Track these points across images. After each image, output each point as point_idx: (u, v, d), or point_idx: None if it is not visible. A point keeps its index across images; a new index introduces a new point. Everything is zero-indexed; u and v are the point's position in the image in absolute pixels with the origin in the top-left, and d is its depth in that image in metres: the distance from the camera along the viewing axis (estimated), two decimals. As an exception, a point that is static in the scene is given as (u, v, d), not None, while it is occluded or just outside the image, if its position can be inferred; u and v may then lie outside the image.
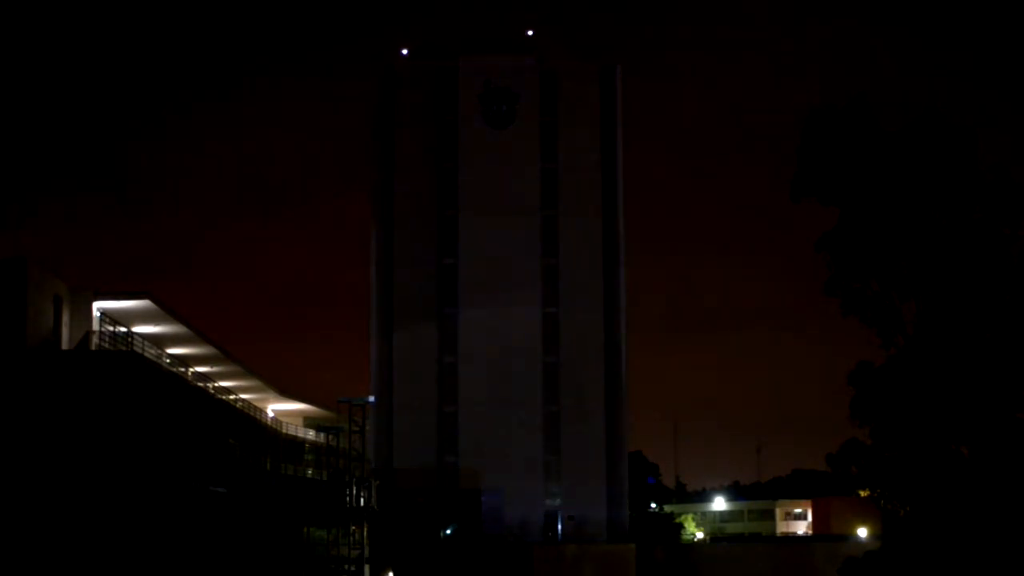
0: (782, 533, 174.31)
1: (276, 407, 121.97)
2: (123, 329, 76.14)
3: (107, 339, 73.30)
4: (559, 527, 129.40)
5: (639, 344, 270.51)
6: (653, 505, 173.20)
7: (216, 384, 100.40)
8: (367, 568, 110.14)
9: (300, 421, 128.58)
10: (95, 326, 72.39)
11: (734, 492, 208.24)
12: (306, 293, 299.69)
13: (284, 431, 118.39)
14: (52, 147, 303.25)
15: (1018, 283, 60.89)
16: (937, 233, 61.59)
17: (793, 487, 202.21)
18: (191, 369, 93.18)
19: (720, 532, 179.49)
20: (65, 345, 69.72)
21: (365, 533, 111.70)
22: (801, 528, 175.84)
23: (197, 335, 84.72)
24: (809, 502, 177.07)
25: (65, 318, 69.70)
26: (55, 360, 66.07)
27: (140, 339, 78.56)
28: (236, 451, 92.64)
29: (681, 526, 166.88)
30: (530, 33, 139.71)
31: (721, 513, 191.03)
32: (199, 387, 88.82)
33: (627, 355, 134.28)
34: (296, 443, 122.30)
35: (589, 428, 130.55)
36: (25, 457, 61.87)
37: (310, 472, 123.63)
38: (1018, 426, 60.12)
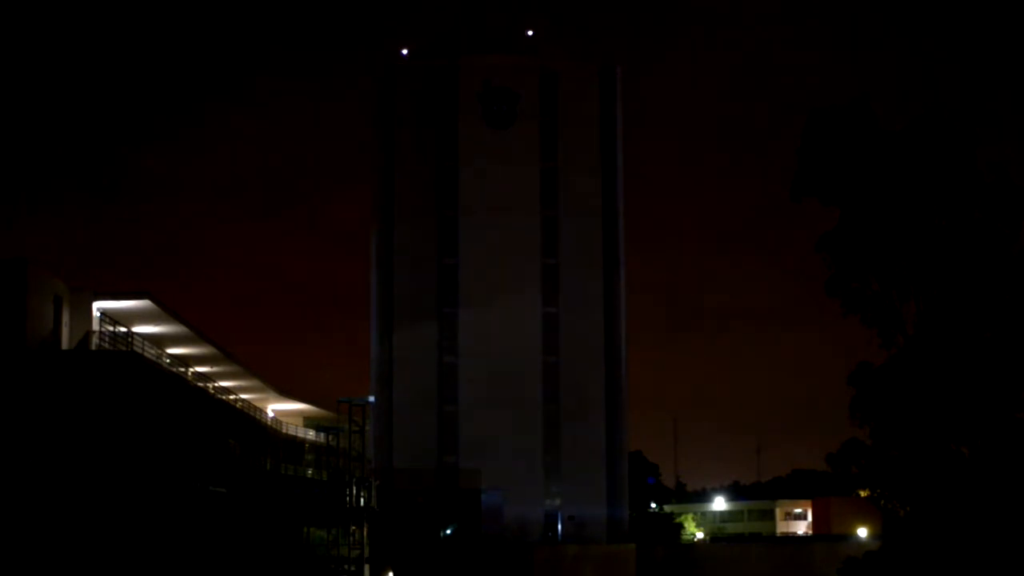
0: (782, 533, 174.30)
1: (276, 407, 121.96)
2: (123, 329, 76.14)
3: (107, 339, 73.30)
4: (559, 527, 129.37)
5: (639, 344, 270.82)
6: (653, 505, 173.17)
7: (216, 384, 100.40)
8: (367, 568, 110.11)
9: (300, 421, 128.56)
10: (95, 326, 72.38)
11: (734, 492, 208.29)
12: (306, 293, 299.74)
13: (284, 431, 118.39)
14: (52, 148, 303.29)
15: (1018, 283, 60.90)
16: (937, 233, 61.61)
17: (793, 487, 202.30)
18: (191, 369, 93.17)
19: (720, 532, 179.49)
20: (65, 345, 69.70)
21: (365, 533, 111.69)
22: (801, 528, 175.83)
23: (197, 335, 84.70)
24: (809, 502, 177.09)
25: (65, 318, 69.69)
26: (55, 360, 66.05)
27: (140, 339, 78.56)
28: (236, 451, 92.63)
29: (681, 526, 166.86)
30: (530, 33, 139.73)
31: (721, 513, 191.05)
32: (199, 387, 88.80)
33: (627, 355, 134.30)
34: (296, 443, 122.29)
35: (589, 428, 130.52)
36: (25, 457, 61.86)
37: (310, 472, 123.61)
38: (1018, 426, 60.13)
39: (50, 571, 60.77)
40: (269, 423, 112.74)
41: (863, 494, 79.22)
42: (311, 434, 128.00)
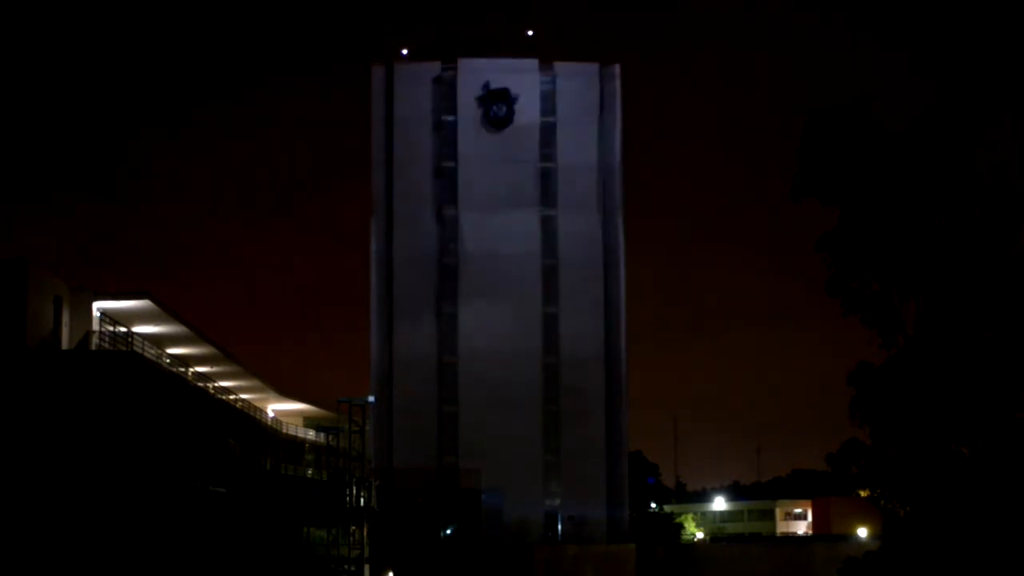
0: (782, 533, 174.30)
1: (276, 407, 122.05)
2: (123, 329, 76.18)
3: (107, 339, 73.34)
4: (559, 527, 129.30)
5: (639, 344, 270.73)
6: (653, 505, 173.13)
7: (216, 384, 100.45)
8: (367, 568, 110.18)
9: (300, 421, 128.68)
10: (95, 326, 72.44)
11: (734, 492, 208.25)
12: (306, 293, 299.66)
13: (284, 431, 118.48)
14: (53, 148, 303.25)
15: (1018, 283, 60.90)
16: (937, 233, 61.61)
17: (793, 487, 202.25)
18: (191, 369, 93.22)
19: (720, 532, 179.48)
20: (65, 345, 69.74)
21: (365, 533, 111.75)
22: (801, 528, 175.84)
23: (197, 335, 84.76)
24: (809, 502, 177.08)
25: (65, 318, 69.74)
26: (55, 360, 66.11)
27: (140, 339, 78.61)
28: (236, 451, 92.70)
29: (681, 526, 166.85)
30: (530, 33, 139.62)
31: (721, 513, 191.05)
32: (199, 387, 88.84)
33: (627, 355, 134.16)
34: (296, 443, 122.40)
35: (589, 428, 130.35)
36: (25, 457, 61.88)
37: (310, 472, 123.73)
38: (1018, 426, 60.13)
39: (50, 571, 60.78)
40: (269, 423, 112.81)
41: (863, 494, 79.19)
42: (311, 434, 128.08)
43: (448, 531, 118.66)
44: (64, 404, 62.90)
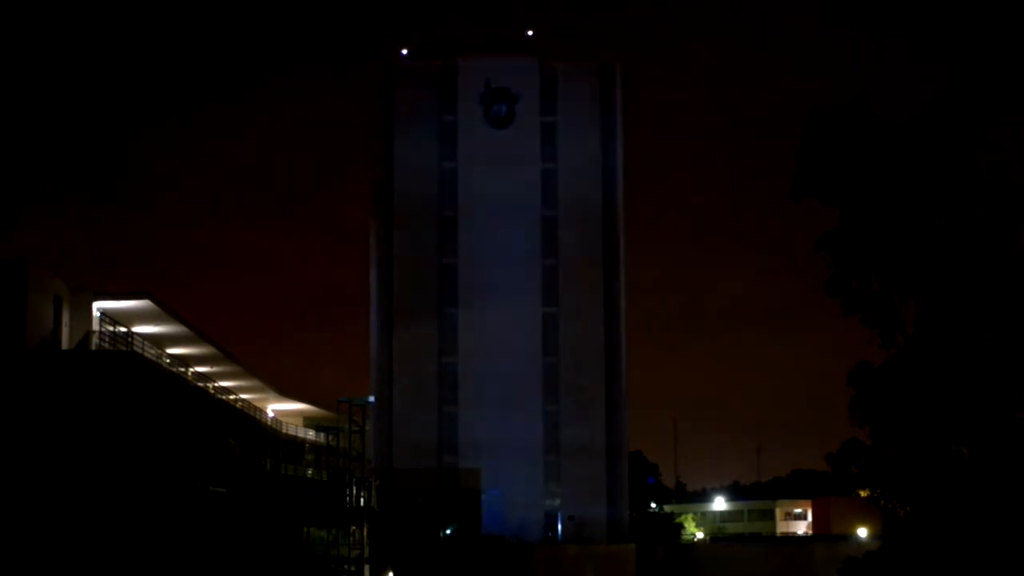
0: (782, 533, 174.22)
1: (276, 407, 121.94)
2: (123, 329, 76.14)
3: (107, 339, 73.30)
4: (559, 527, 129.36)
5: (639, 344, 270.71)
6: (653, 505, 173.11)
7: (216, 384, 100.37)
8: (367, 568, 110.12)
9: (300, 421, 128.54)
10: (95, 326, 72.39)
11: (734, 492, 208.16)
12: (306, 293, 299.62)
13: (284, 431, 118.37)
14: (52, 147, 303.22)
15: (1018, 283, 60.90)
16: (937, 233, 61.61)
17: (793, 487, 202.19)
18: (191, 369, 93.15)
19: (720, 532, 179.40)
20: (65, 345, 69.70)
21: (365, 533, 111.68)
22: (801, 528, 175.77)
23: (197, 335, 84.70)
24: (809, 502, 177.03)
25: (65, 318, 69.70)
26: (55, 360, 66.08)
27: (140, 339, 78.55)
28: (236, 451, 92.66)
29: (681, 526, 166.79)
30: (530, 33, 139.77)
31: (721, 513, 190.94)
32: (199, 387, 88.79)
33: (627, 355, 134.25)
34: (296, 443, 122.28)
35: (589, 428, 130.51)
36: (25, 457, 61.86)
37: (310, 472, 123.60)
38: (1018, 426, 60.13)
39: (50, 571, 60.76)
40: (269, 423, 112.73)
41: (863, 494, 79.21)
42: (311, 434, 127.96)
43: (448, 531, 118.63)
44: (64, 404, 62.87)
